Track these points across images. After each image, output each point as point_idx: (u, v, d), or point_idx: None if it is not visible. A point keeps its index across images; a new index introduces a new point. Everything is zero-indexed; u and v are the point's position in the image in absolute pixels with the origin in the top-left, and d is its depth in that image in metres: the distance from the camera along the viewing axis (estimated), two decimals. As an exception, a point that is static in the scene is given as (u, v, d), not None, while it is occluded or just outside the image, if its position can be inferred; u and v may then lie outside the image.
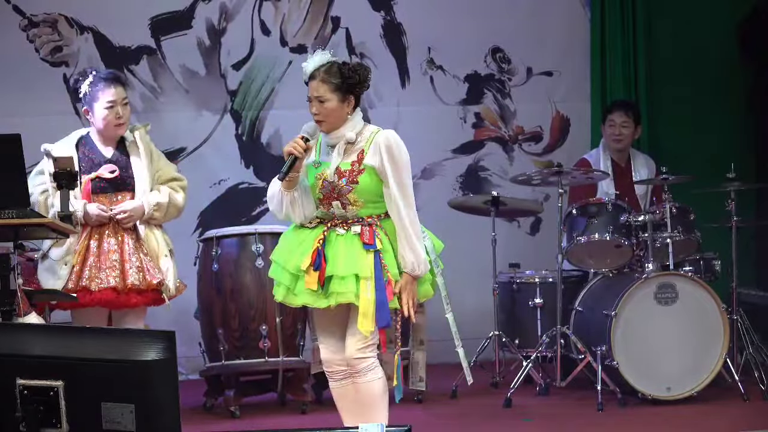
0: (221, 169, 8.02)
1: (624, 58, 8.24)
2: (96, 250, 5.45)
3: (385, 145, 4.65)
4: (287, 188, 4.70)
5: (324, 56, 4.74)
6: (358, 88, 4.71)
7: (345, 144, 4.69)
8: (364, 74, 4.73)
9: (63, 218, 5.07)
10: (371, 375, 4.69)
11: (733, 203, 6.76)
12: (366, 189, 4.65)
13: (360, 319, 4.58)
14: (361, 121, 4.76)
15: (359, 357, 4.68)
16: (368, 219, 4.69)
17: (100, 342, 2.93)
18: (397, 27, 8.21)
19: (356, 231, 4.66)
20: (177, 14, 7.96)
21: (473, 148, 8.33)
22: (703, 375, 6.48)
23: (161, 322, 6.16)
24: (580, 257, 6.97)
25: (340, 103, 4.68)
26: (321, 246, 4.64)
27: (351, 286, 4.59)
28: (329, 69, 4.69)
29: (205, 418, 6.46)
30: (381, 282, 4.60)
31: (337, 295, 4.61)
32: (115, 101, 5.52)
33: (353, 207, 4.67)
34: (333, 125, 4.70)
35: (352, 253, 4.63)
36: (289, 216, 4.77)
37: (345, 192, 4.65)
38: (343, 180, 4.65)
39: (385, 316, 4.59)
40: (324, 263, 4.62)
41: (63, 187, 5.14)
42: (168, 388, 2.86)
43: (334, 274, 4.61)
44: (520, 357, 7.00)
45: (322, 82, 4.68)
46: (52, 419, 2.87)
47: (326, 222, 4.72)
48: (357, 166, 4.66)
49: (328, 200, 4.69)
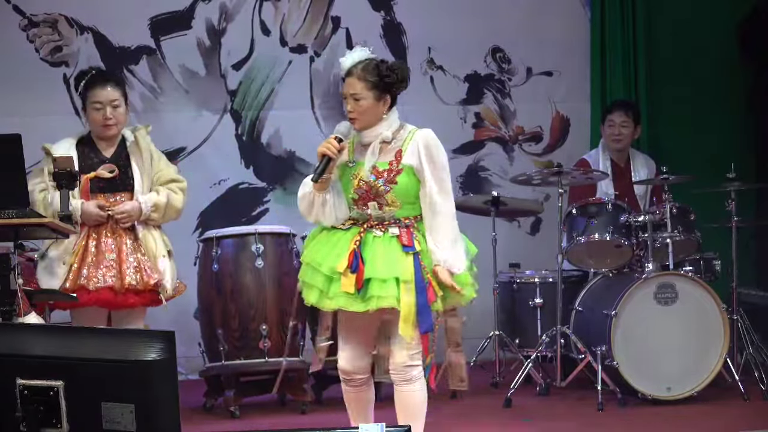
0: (221, 169, 8.02)
1: (624, 58, 8.24)
2: (94, 250, 5.45)
3: (423, 144, 4.52)
4: (320, 190, 4.55)
5: (362, 52, 4.60)
6: (396, 87, 4.57)
7: (380, 143, 4.55)
8: (403, 74, 4.58)
9: (63, 218, 5.08)
10: (419, 384, 4.58)
11: (733, 203, 6.76)
12: (404, 189, 4.51)
13: (401, 324, 4.43)
14: (398, 120, 4.61)
15: (410, 365, 4.55)
16: (405, 220, 4.55)
17: (100, 342, 2.93)
18: (397, 27, 8.21)
19: (394, 233, 4.52)
20: (177, 14, 7.95)
21: (473, 148, 8.33)
22: (703, 375, 6.48)
23: (161, 322, 6.16)
24: (580, 257, 6.97)
25: (375, 102, 4.53)
26: (358, 247, 4.50)
27: (392, 290, 4.44)
28: (367, 66, 4.55)
29: (205, 418, 6.46)
30: (421, 285, 4.46)
31: (378, 299, 4.44)
32: (103, 103, 5.52)
33: (390, 208, 4.53)
34: (367, 123, 4.55)
35: (392, 256, 4.49)
36: (318, 218, 4.61)
37: (383, 192, 4.51)
38: (380, 180, 4.51)
39: (427, 320, 4.45)
40: (361, 265, 4.47)
41: (63, 187, 5.14)
42: (168, 388, 2.86)
43: (373, 276, 4.45)
44: (520, 357, 7.00)
45: (358, 79, 4.53)
46: (52, 419, 2.87)
47: (361, 223, 4.58)
48: (395, 165, 4.52)
49: (364, 201, 4.55)
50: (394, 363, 4.57)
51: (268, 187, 8.07)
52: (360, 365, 4.66)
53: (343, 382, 4.73)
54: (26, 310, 4.86)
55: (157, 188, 5.61)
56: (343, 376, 4.71)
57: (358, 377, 4.67)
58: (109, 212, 5.47)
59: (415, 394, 4.58)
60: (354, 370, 4.66)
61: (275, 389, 6.44)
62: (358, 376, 4.67)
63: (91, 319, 5.46)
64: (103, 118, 5.52)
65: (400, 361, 4.54)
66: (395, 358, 4.55)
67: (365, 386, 4.70)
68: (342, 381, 4.73)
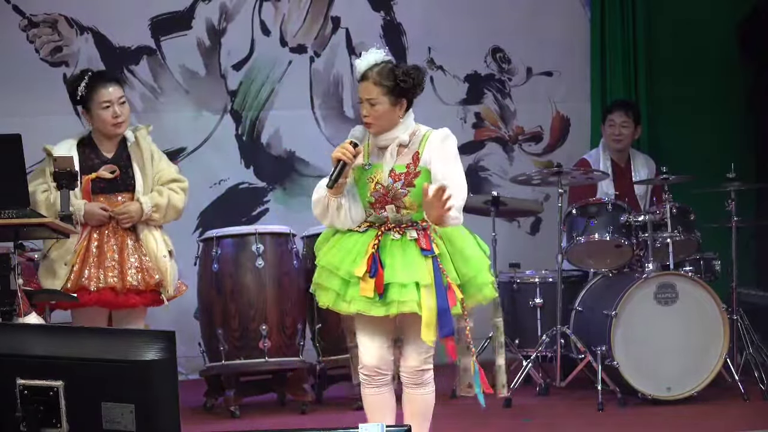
0: (221, 169, 8.02)
1: (624, 58, 8.24)
2: (96, 251, 5.45)
3: (438, 138, 4.47)
4: (335, 194, 4.47)
5: (377, 55, 4.48)
6: (412, 92, 4.49)
7: (397, 146, 4.49)
8: (419, 78, 4.50)
9: (63, 218, 5.08)
10: (430, 387, 4.54)
11: (733, 203, 6.76)
12: (421, 192, 4.41)
13: (423, 329, 4.37)
14: (413, 123, 4.54)
15: (423, 368, 4.51)
16: (422, 223, 4.48)
17: (100, 342, 2.93)
18: (397, 27, 8.21)
19: (413, 236, 4.45)
20: (177, 14, 7.96)
21: (473, 148, 8.33)
22: (703, 375, 6.48)
23: (161, 322, 6.16)
24: (580, 257, 6.98)
25: (391, 107, 4.44)
26: (376, 251, 4.42)
27: (413, 295, 4.37)
28: (382, 70, 4.44)
29: (205, 418, 6.46)
30: (441, 289, 4.40)
31: (399, 303, 4.37)
32: (111, 101, 5.52)
33: (408, 211, 4.47)
34: (383, 128, 4.47)
35: (411, 260, 4.42)
36: (334, 223, 4.54)
37: (400, 195, 4.44)
38: (398, 183, 4.44)
39: (447, 323, 4.39)
40: (381, 269, 4.39)
41: (63, 187, 5.14)
42: (168, 388, 2.86)
43: (393, 281, 4.38)
44: (520, 357, 7.00)
45: (374, 84, 4.43)
46: (52, 419, 2.87)
47: (378, 226, 4.50)
48: (413, 168, 4.46)
49: (381, 204, 4.47)
50: (406, 366, 4.52)
51: (268, 187, 8.07)
52: (386, 359, 4.54)
53: (364, 386, 4.61)
54: (26, 310, 4.86)
55: (159, 188, 5.61)
56: (365, 375, 4.57)
57: (384, 373, 4.55)
58: (110, 213, 5.47)
59: (426, 397, 4.55)
60: (379, 363, 4.53)
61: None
62: (384, 371, 4.55)
63: (92, 319, 5.46)
64: (113, 117, 5.52)
65: (412, 364, 4.50)
66: (407, 362, 4.51)
67: (387, 387, 4.58)
68: (363, 384, 4.61)
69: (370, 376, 4.55)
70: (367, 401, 4.61)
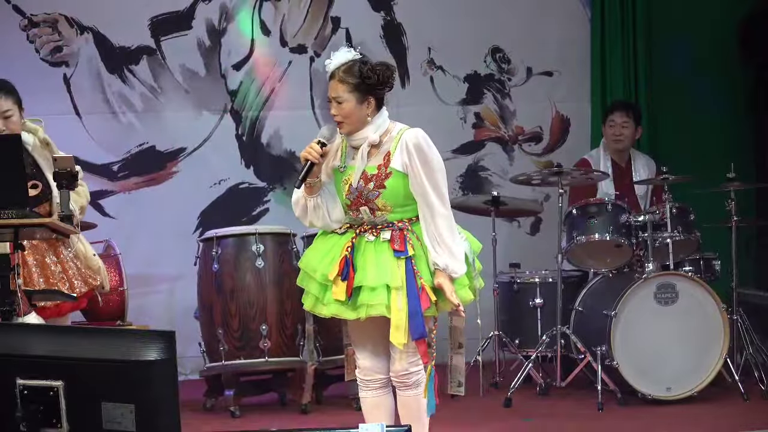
0: (221, 169, 8.02)
1: (624, 58, 8.24)
2: (38, 270, 5.19)
3: (413, 144, 4.39)
4: (309, 194, 4.47)
5: (346, 55, 4.44)
6: (378, 89, 4.41)
7: (369, 146, 4.44)
8: (385, 75, 4.43)
9: (63, 218, 5.06)
10: (420, 388, 4.50)
11: (733, 203, 6.76)
12: (394, 193, 4.40)
13: (392, 331, 4.34)
14: (387, 121, 4.46)
15: (411, 371, 4.47)
16: (398, 224, 4.43)
17: (100, 342, 2.93)
18: (397, 27, 8.21)
19: (386, 237, 4.40)
20: (177, 14, 7.96)
21: (473, 149, 8.33)
22: (703, 375, 6.48)
23: (161, 322, 6.16)
24: (580, 257, 6.97)
25: (358, 105, 4.39)
26: (349, 254, 4.38)
27: (381, 298, 4.33)
28: (349, 69, 4.39)
29: (205, 418, 6.46)
30: (413, 290, 4.35)
31: (368, 307, 4.34)
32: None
33: (382, 212, 4.43)
34: (353, 127, 4.42)
35: (382, 262, 4.37)
36: (313, 222, 4.53)
37: (372, 197, 4.40)
38: (370, 185, 4.41)
39: (418, 326, 4.34)
40: (352, 272, 4.36)
41: (63, 187, 5.12)
42: (168, 388, 2.86)
43: (363, 284, 4.35)
44: (520, 357, 7.00)
45: (339, 82, 4.39)
46: (52, 419, 2.87)
47: (355, 227, 4.46)
48: (384, 169, 4.41)
49: (356, 206, 4.43)
50: (394, 370, 4.50)
51: (268, 187, 8.07)
52: (381, 362, 4.53)
53: (361, 389, 4.60)
54: (26, 310, 4.85)
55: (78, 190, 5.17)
56: (361, 379, 4.57)
57: (379, 376, 4.54)
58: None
59: (418, 398, 4.51)
60: (374, 366, 4.53)
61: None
62: (379, 375, 4.54)
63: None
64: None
65: (398, 368, 4.48)
66: (395, 366, 4.49)
67: (384, 390, 4.56)
68: (360, 387, 4.60)
69: (365, 380, 4.56)
70: (364, 404, 4.61)
